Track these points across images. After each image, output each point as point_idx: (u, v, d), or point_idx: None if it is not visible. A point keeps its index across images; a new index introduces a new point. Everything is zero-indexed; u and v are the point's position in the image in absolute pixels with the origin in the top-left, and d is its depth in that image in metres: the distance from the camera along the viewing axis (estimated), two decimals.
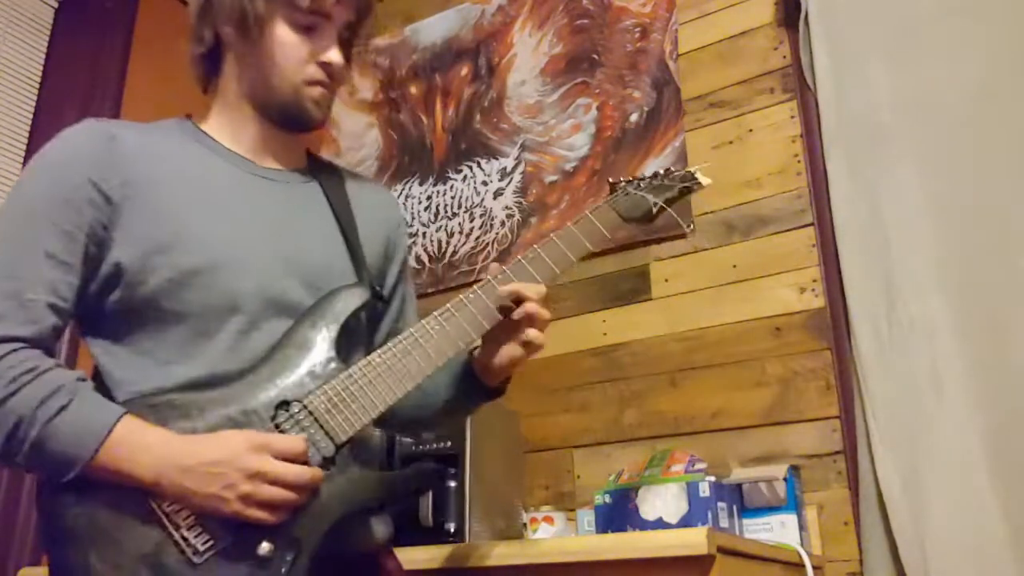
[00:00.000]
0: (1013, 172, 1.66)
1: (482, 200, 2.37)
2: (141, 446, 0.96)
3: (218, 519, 0.95)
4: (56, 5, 2.47)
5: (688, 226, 2.02)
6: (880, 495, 1.61)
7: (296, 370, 1.04)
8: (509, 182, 2.33)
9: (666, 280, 2.04)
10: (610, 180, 1.28)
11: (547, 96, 2.35)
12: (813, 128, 1.93)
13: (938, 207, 1.71)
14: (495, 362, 1.13)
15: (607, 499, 1.58)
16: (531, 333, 1.10)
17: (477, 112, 2.46)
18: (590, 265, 2.14)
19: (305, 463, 0.98)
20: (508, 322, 1.11)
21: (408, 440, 1.76)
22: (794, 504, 1.64)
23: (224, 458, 0.95)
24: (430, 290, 2.35)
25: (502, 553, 1.41)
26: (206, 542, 0.95)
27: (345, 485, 1.02)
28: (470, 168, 2.42)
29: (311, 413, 1.02)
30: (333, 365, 1.05)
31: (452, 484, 1.69)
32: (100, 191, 1.04)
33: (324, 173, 1.25)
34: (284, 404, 1.02)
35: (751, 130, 2.04)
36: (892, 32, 1.86)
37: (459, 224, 2.40)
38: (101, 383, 1.05)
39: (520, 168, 2.33)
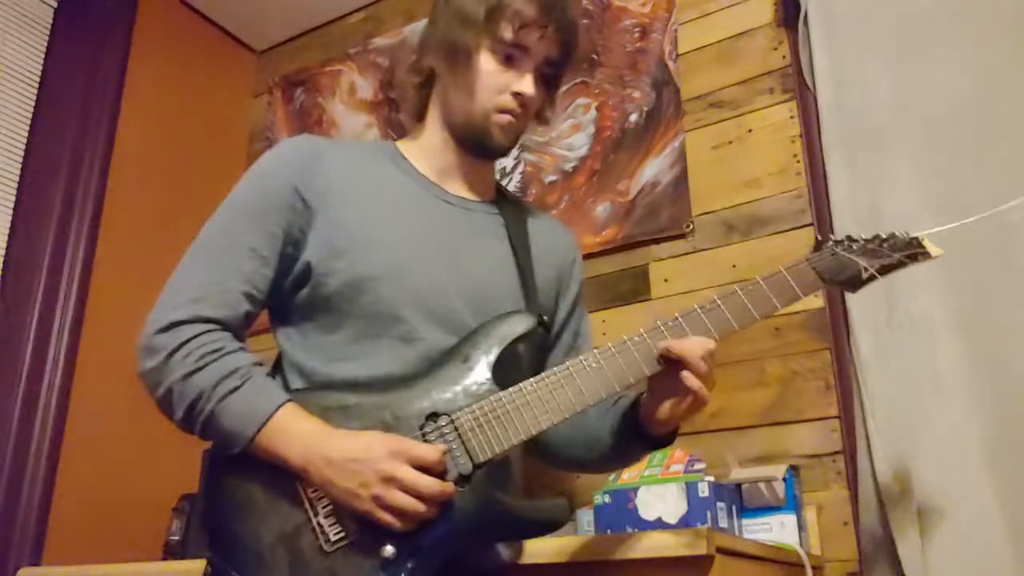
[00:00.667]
0: (1013, 172, 1.66)
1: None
2: (296, 433, 1.03)
3: (352, 514, 1.01)
4: (56, 5, 2.47)
5: (686, 227, 2.02)
6: (879, 495, 1.61)
7: (452, 386, 1.09)
8: (508, 182, 2.33)
9: (665, 280, 2.04)
10: (818, 237, 1.21)
11: None
12: (812, 128, 1.93)
13: (938, 207, 1.71)
14: (658, 412, 1.13)
15: (606, 499, 1.58)
16: (693, 385, 1.07)
17: None
18: (590, 265, 2.14)
19: (441, 475, 1.01)
20: (671, 373, 1.09)
21: None
22: (793, 504, 1.63)
23: (365, 457, 1.00)
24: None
25: (501, 553, 1.41)
26: (338, 533, 1.01)
27: (477, 506, 1.04)
28: None
29: (456, 429, 1.05)
30: (487, 387, 1.09)
31: None
32: (301, 197, 1.16)
33: (509, 206, 1.32)
34: (434, 416, 1.06)
35: (751, 130, 2.04)
36: (892, 32, 1.86)
37: None
38: (281, 368, 1.18)
39: (519, 168, 2.33)
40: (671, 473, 1.58)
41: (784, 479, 1.64)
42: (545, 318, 1.17)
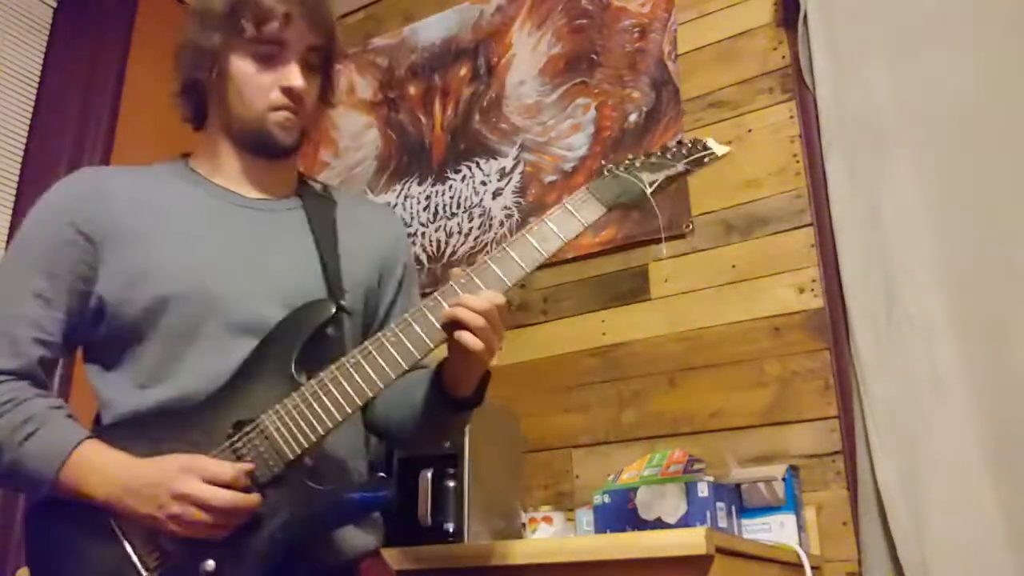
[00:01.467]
0: (1013, 172, 1.66)
1: (481, 200, 2.37)
2: (95, 467, 1.03)
3: (168, 539, 1.01)
4: (55, 5, 2.47)
5: (685, 227, 2.02)
6: (879, 495, 1.61)
7: (256, 390, 1.07)
8: (508, 182, 2.33)
9: (665, 280, 2.04)
10: (601, 163, 1.22)
11: (546, 96, 2.35)
12: (812, 128, 1.93)
13: (937, 207, 1.71)
14: (449, 374, 1.13)
15: (606, 499, 1.58)
16: (468, 343, 1.04)
17: (476, 112, 2.46)
18: (590, 265, 2.14)
19: (246, 488, 1.01)
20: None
21: None
22: (793, 504, 1.63)
23: (158, 480, 1.00)
24: (428, 290, 2.33)
25: (501, 553, 1.41)
26: (156, 559, 1.01)
27: (296, 503, 1.03)
28: (469, 168, 2.42)
29: (262, 431, 1.04)
30: (290, 383, 1.07)
31: (451, 484, 1.69)
32: (82, 233, 1.13)
33: (312, 198, 1.28)
34: (240, 424, 1.05)
35: (750, 130, 2.04)
36: (891, 32, 1.86)
37: (458, 224, 2.40)
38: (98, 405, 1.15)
39: (519, 168, 2.33)
40: (671, 473, 1.58)
41: (784, 479, 1.64)
42: (344, 303, 1.14)
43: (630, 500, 1.54)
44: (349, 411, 1.05)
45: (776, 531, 1.61)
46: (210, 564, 1.00)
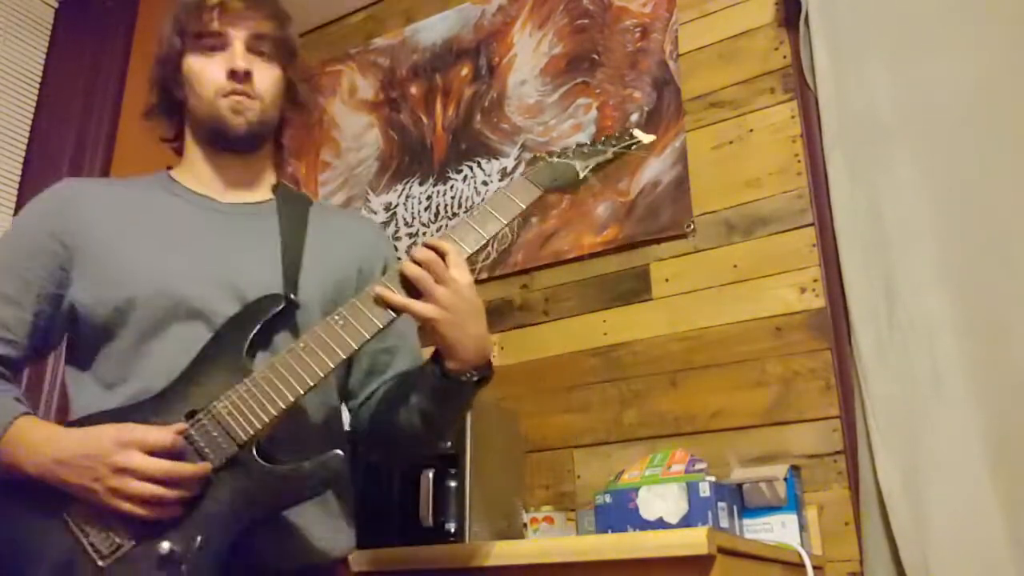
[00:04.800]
0: (1013, 172, 1.66)
1: (482, 200, 2.37)
2: (27, 442, 1.05)
3: (120, 522, 1.00)
4: (56, 5, 2.47)
5: (687, 227, 2.02)
6: (880, 495, 1.61)
7: (208, 380, 1.09)
8: (509, 182, 2.33)
9: (666, 280, 2.04)
10: (535, 154, 1.28)
11: (547, 96, 2.35)
12: (813, 128, 1.93)
13: (938, 207, 1.71)
14: (440, 350, 1.14)
15: (607, 499, 1.58)
16: (416, 311, 1.09)
17: (477, 112, 2.46)
18: (591, 265, 2.14)
19: (179, 456, 1.01)
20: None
21: None
22: (794, 504, 1.63)
23: (93, 452, 1.01)
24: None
25: (502, 553, 1.41)
26: (110, 545, 1.01)
27: (248, 484, 1.03)
28: (470, 168, 2.42)
29: (215, 417, 1.05)
30: (242, 372, 1.08)
31: (452, 484, 1.69)
32: (58, 240, 1.17)
33: (288, 204, 1.30)
34: (193, 414, 1.06)
35: (751, 130, 2.04)
36: (892, 32, 1.86)
37: None
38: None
39: (520, 168, 2.33)
40: (672, 473, 1.58)
41: (785, 479, 1.64)
42: (295, 297, 1.16)
43: (631, 500, 1.54)
44: (301, 391, 1.06)
45: (778, 531, 1.61)
46: (165, 546, 0.99)
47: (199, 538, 1.00)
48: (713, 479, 1.54)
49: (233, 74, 1.21)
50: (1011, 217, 1.64)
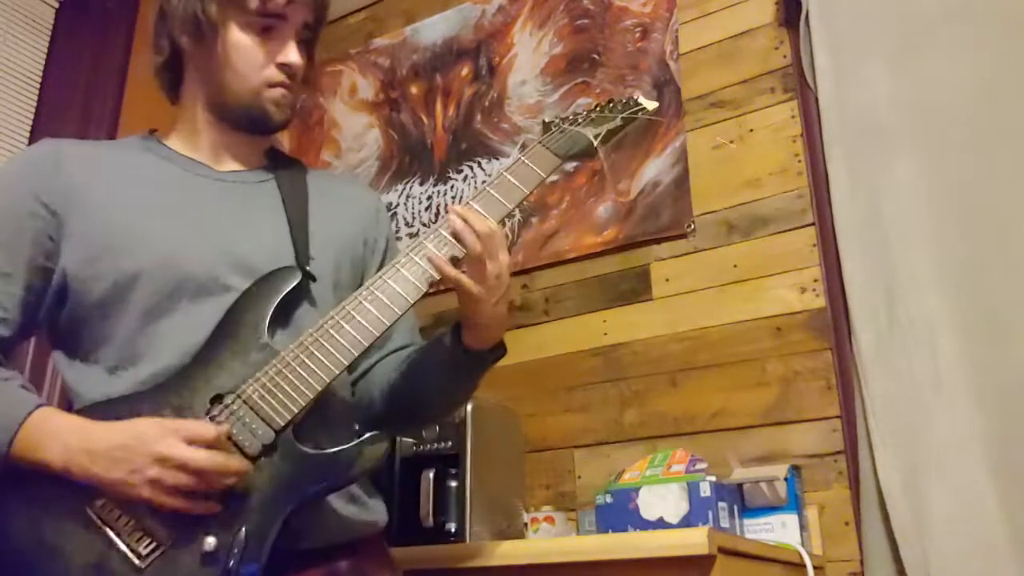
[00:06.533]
0: (1013, 172, 1.66)
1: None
2: (51, 433, 0.96)
3: (156, 518, 0.94)
4: (56, 5, 2.47)
5: (687, 227, 2.02)
6: (881, 495, 1.61)
7: (230, 361, 1.03)
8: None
9: (667, 280, 2.04)
10: (544, 120, 1.26)
11: (548, 96, 2.35)
12: (814, 128, 1.93)
13: (938, 206, 1.71)
14: (464, 318, 1.14)
15: (608, 499, 1.58)
16: (468, 286, 1.09)
17: (478, 112, 2.46)
18: (591, 265, 2.14)
19: (218, 449, 0.95)
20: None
21: (409, 441, 1.76)
22: (795, 504, 1.63)
23: (130, 442, 0.94)
24: (431, 289, 2.34)
25: (502, 553, 1.41)
26: (148, 546, 0.94)
27: (290, 470, 0.99)
28: (471, 168, 2.42)
29: (246, 402, 0.99)
30: (267, 351, 1.03)
31: (453, 484, 1.69)
32: (43, 204, 1.07)
33: (284, 170, 1.26)
34: (218, 397, 1.00)
35: (751, 130, 2.04)
36: (892, 32, 1.86)
37: None
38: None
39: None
40: (673, 473, 1.58)
41: (786, 479, 1.64)
42: (310, 269, 1.12)
43: (632, 500, 1.54)
44: (336, 371, 1.02)
45: (778, 531, 1.61)
46: (211, 541, 0.93)
47: (242, 529, 0.95)
48: (713, 479, 1.54)
49: (286, 67, 1.17)
50: (1011, 217, 1.64)
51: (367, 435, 1.02)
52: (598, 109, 1.27)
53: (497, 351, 1.18)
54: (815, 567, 1.53)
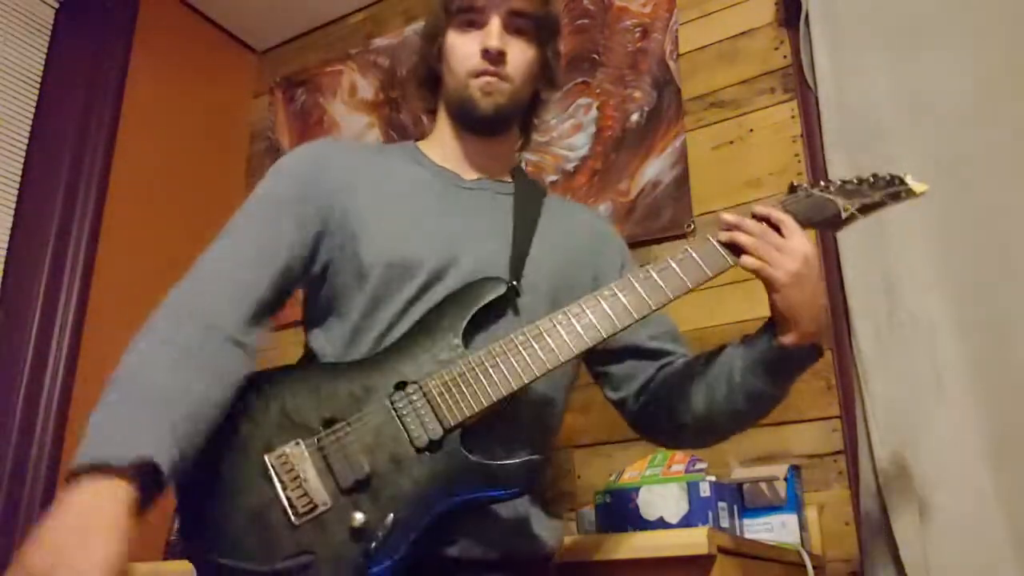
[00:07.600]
0: (1013, 171, 1.66)
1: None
2: (72, 507, 0.87)
3: (320, 485, 1.00)
4: (56, 5, 2.47)
5: (687, 227, 2.01)
6: (881, 495, 1.61)
7: (420, 354, 1.08)
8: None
9: None
10: (792, 183, 1.18)
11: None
12: (814, 128, 1.93)
13: (938, 206, 1.70)
14: (775, 317, 1.13)
15: (608, 499, 1.58)
16: (747, 263, 1.10)
17: None
18: None
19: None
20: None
21: None
22: (795, 504, 1.63)
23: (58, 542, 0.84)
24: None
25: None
26: (306, 504, 0.99)
27: (449, 471, 1.02)
28: None
29: (425, 395, 1.05)
30: (457, 352, 1.08)
31: None
32: (312, 200, 1.18)
33: (524, 184, 1.31)
34: (402, 385, 1.06)
35: (752, 130, 2.04)
36: (893, 32, 1.86)
37: None
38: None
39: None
40: (672, 473, 1.58)
41: (785, 479, 1.64)
42: (515, 283, 1.15)
43: (632, 500, 1.54)
44: (523, 382, 1.05)
45: (778, 531, 1.61)
46: (359, 517, 0.98)
47: (391, 516, 0.99)
48: (713, 479, 1.54)
49: (486, 53, 1.20)
50: (1011, 217, 1.64)
51: (530, 458, 1.05)
52: (856, 181, 1.20)
53: (815, 351, 1.15)
54: (815, 567, 1.53)
